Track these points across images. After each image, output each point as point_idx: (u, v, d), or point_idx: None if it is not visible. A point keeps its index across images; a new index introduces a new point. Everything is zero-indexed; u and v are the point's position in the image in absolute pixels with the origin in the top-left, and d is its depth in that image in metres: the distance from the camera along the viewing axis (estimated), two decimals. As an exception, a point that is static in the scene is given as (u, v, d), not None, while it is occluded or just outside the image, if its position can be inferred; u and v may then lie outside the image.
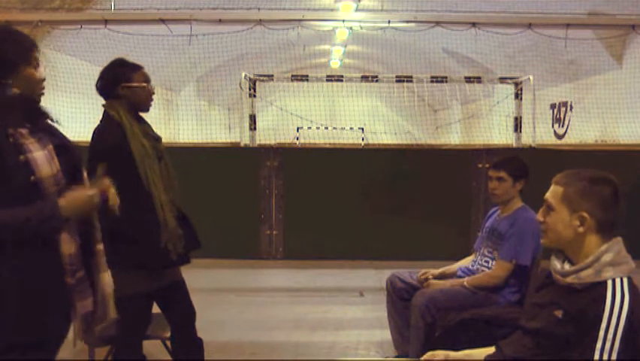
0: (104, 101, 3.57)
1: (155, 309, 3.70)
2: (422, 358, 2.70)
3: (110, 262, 3.35)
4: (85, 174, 2.66)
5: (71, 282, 2.50)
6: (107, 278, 2.69)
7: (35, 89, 2.50)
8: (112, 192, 2.65)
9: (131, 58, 3.67)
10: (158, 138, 3.64)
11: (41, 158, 2.41)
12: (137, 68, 3.57)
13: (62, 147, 2.53)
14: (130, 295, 3.39)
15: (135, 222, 3.35)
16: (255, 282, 7.92)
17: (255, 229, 8.90)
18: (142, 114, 3.62)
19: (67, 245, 2.48)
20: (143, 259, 3.40)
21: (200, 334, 3.80)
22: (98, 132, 3.50)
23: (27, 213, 2.32)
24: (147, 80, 3.58)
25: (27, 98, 2.47)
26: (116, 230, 3.23)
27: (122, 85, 3.49)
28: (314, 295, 7.17)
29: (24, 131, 2.42)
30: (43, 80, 2.54)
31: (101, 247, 2.67)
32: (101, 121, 3.55)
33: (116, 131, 3.43)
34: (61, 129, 2.66)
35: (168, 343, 3.96)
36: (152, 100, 3.61)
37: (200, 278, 5.06)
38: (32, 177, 2.36)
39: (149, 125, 3.64)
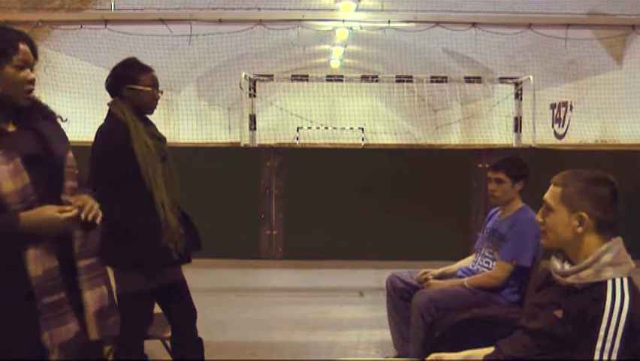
0: (108, 100, 3.58)
1: (156, 309, 3.70)
2: (427, 359, 2.69)
3: (111, 260, 3.36)
4: (67, 183, 2.46)
5: (39, 307, 2.27)
6: (88, 298, 2.44)
7: (16, 90, 2.36)
8: (88, 207, 2.39)
9: (132, 58, 3.67)
10: (162, 139, 3.65)
11: (3, 173, 2.26)
12: (145, 70, 3.57)
13: (38, 156, 2.38)
14: (131, 294, 3.40)
15: (136, 221, 3.36)
16: (255, 282, 7.92)
17: (255, 229, 8.90)
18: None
19: (35, 266, 2.28)
20: (144, 258, 3.40)
21: (200, 334, 3.80)
22: (101, 130, 3.51)
23: None
24: (154, 83, 3.58)
25: (5, 99, 2.35)
26: (117, 229, 3.24)
27: (127, 86, 3.50)
28: (314, 295, 7.18)
29: None
30: (29, 81, 2.39)
31: (83, 263, 2.45)
32: (105, 119, 3.56)
33: (120, 130, 3.44)
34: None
35: (168, 343, 3.96)
36: (156, 104, 3.62)
37: (200, 278, 5.06)
38: None
39: (154, 126, 3.64)
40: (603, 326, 2.23)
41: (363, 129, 21.93)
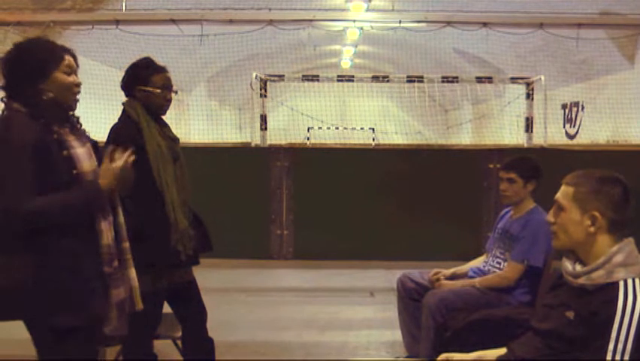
0: (120, 100, 3.60)
1: (167, 309, 3.71)
2: (438, 360, 2.69)
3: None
4: None
5: (108, 270, 2.74)
6: (132, 273, 2.88)
7: (67, 93, 2.69)
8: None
9: (143, 58, 3.67)
10: (175, 139, 3.66)
11: (82, 154, 2.67)
12: (158, 71, 3.57)
13: (96, 147, 2.81)
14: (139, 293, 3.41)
15: (146, 221, 3.36)
16: (265, 282, 7.93)
17: (265, 229, 8.90)
18: None
19: (106, 235, 2.73)
20: (152, 258, 3.40)
21: (210, 334, 3.81)
22: (114, 130, 3.52)
23: (75, 195, 2.59)
24: (167, 84, 3.58)
25: (60, 103, 2.67)
26: (127, 228, 3.24)
27: (138, 87, 3.51)
28: (324, 295, 7.17)
29: (66, 129, 2.68)
30: (76, 84, 2.72)
31: (127, 244, 2.85)
32: (119, 119, 3.57)
33: (133, 130, 3.45)
34: None
35: (179, 342, 3.97)
36: (167, 105, 3.61)
37: (210, 278, 5.08)
38: (74, 171, 2.61)
39: (168, 127, 3.64)
40: (615, 327, 2.22)
41: (373, 129, 21.89)
